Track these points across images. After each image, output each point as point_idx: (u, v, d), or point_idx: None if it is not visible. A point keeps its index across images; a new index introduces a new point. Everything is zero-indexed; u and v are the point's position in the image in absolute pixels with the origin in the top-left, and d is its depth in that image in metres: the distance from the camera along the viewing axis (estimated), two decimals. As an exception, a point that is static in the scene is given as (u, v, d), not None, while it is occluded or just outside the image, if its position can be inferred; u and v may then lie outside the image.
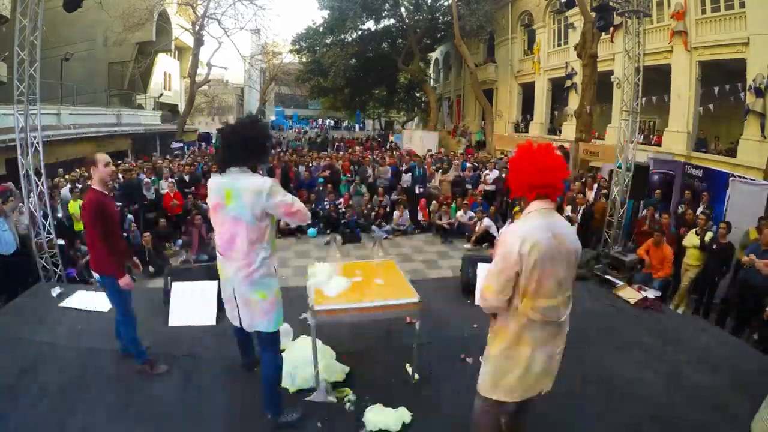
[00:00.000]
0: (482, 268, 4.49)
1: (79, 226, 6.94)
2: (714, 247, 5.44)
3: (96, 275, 3.07)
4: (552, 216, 1.86)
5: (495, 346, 1.97)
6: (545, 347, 1.94)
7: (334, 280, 3.00)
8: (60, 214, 6.87)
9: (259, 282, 2.35)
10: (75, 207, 6.95)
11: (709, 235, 5.53)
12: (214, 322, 3.90)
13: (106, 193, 2.97)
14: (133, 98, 20.68)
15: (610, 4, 6.37)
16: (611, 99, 13.77)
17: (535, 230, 1.78)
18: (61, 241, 5.89)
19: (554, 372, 2.05)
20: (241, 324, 2.47)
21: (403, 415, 2.69)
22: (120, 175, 9.00)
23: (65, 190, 7.61)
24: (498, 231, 8.57)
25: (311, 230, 8.97)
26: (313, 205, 9.60)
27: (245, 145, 2.32)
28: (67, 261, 5.73)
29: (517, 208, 5.57)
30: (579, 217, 7.07)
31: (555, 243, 1.79)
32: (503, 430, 2.24)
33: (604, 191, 7.76)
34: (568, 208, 7.57)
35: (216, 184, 2.37)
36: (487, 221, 8.56)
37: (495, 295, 1.84)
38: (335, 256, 3.32)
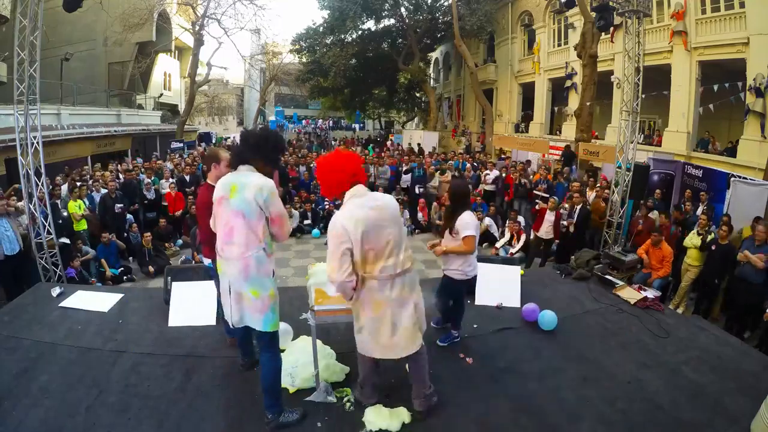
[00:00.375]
0: (482, 269, 4.49)
1: (78, 226, 6.94)
2: (713, 247, 5.44)
3: (208, 261, 3.30)
4: (365, 195, 2.28)
5: (360, 318, 2.39)
6: (399, 301, 2.31)
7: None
8: (65, 214, 6.86)
9: (253, 279, 2.38)
10: (74, 207, 6.95)
11: (710, 236, 5.54)
12: (214, 322, 3.90)
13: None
14: (133, 98, 20.67)
15: (610, 4, 6.37)
16: (611, 99, 13.76)
17: (354, 210, 2.19)
18: (66, 240, 5.90)
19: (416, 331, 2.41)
20: (234, 319, 2.48)
21: (403, 415, 2.68)
22: (120, 175, 9.01)
23: (64, 190, 7.60)
24: (498, 230, 8.57)
25: (315, 231, 8.99)
26: (314, 205, 9.61)
27: (258, 146, 2.51)
28: (66, 261, 5.73)
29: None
30: (575, 217, 7.05)
31: (373, 214, 2.19)
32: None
33: (605, 192, 7.74)
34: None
35: (225, 180, 2.49)
36: (487, 220, 8.56)
37: (338, 272, 2.19)
38: None
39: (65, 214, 6.80)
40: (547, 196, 9.03)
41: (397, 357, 2.42)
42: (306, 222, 9.20)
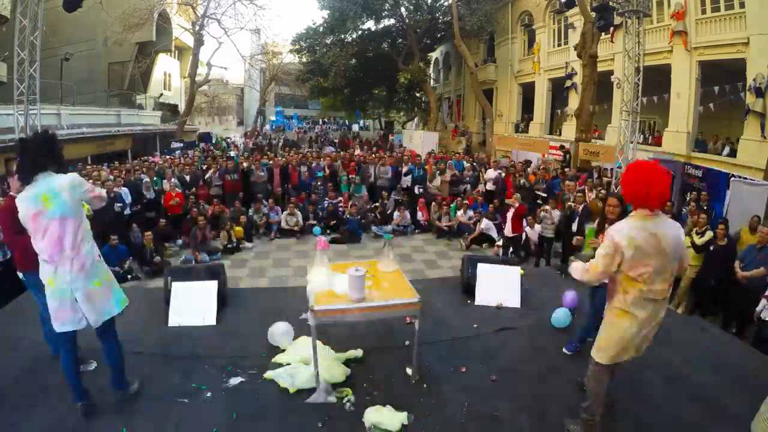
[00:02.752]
0: (482, 269, 4.49)
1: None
2: (711, 248, 5.43)
3: (20, 273, 3.12)
4: (652, 218, 2.28)
5: (607, 315, 2.45)
6: (642, 324, 2.33)
7: (337, 279, 3.00)
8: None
9: (92, 270, 2.49)
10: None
11: (708, 235, 5.53)
12: (214, 322, 3.90)
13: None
14: (133, 98, 20.67)
15: (610, 4, 6.38)
16: (611, 99, 13.77)
17: (632, 228, 2.24)
18: None
19: (640, 351, 2.46)
20: (87, 323, 2.52)
21: (403, 415, 2.69)
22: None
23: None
24: (497, 232, 8.56)
25: (316, 228, 9.00)
26: (315, 205, 9.61)
27: (46, 152, 2.45)
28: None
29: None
30: (576, 217, 7.04)
31: (651, 240, 2.22)
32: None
33: (603, 191, 7.75)
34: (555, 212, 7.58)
35: (28, 195, 2.36)
36: (485, 223, 8.56)
37: (599, 273, 2.34)
38: (389, 257, 3.31)
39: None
40: (545, 195, 9.05)
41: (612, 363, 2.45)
42: (308, 222, 9.19)
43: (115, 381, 2.79)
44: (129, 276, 6.80)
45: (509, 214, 7.34)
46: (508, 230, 7.36)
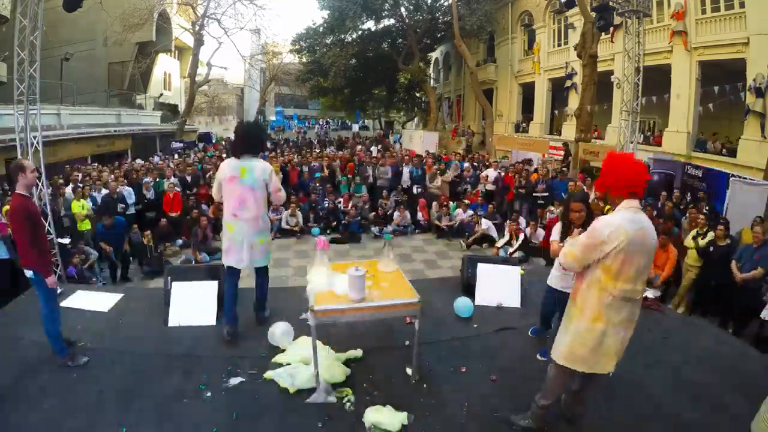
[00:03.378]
0: (482, 269, 4.49)
1: (82, 226, 6.94)
2: (711, 249, 5.43)
3: (28, 272, 3.12)
4: (639, 212, 2.17)
5: (577, 319, 2.25)
6: (618, 329, 2.21)
7: (337, 279, 3.00)
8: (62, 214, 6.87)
9: (261, 231, 3.45)
10: (77, 207, 6.95)
11: (710, 236, 5.53)
12: (214, 322, 3.89)
13: (29, 196, 3.17)
14: (133, 98, 20.68)
15: (610, 4, 6.38)
16: (611, 99, 13.77)
17: (624, 221, 2.09)
18: (66, 240, 5.90)
19: (620, 355, 2.30)
20: (245, 263, 3.41)
21: (403, 415, 2.68)
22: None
23: (68, 191, 7.59)
24: (496, 232, 8.56)
25: (314, 229, 8.98)
26: (315, 205, 9.61)
27: (253, 139, 3.46)
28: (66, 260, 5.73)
29: (608, 207, 5.62)
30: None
31: (641, 234, 2.09)
32: (563, 401, 2.64)
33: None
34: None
35: (233, 164, 3.36)
36: (485, 223, 8.55)
37: (576, 262, 2.20)
38: (389, 257, 3.30)
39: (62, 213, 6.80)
40: (546, 194, 9.04)
41: (591, 371, 2.29)
42: (308, 224, 9.19)
43: (259, 307, 3.84)
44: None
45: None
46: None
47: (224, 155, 12.61)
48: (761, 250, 4.86)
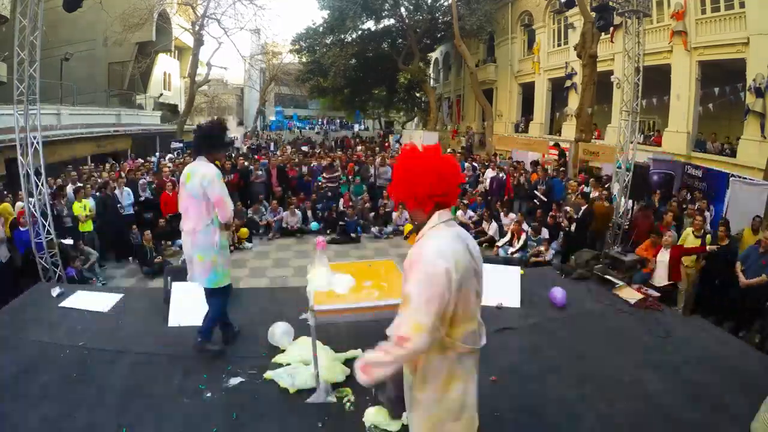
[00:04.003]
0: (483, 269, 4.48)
1: (83, 227, 6.93)
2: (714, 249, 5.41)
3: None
4: (456, 225, 1.61)
5: (426, 391, 1.60)
6: (473, 377, 1.66)
7: (337, 279, 3.00)
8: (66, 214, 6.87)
9: (200, 246, 3.07)
10: (78, 208, 6.93)
11: (708, 238, 5.51)
12: (214, 322, 3.89)
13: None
14: (133, 98, 20.67)
15: (610, 4, 6.37)
16: (611, 99, 13.77)
17: (451, 243, 1.50)
18: (69, 241, 5.91)
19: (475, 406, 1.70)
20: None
21: (403, 415, 2.68)
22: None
23: (69, 191, 7.58)
24: (499, 234, 8.54)
25: (314, 224, 9.00)
26: (316, 205, 9.61)
27: (205, 140, 3.14)
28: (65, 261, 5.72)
29: (409, 226, 4.65)
30: (578, 216, 7.05)
31: (469, 256, 1.54)
32: None
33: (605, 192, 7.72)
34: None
35: (185, 168, 3.17)
36: (493, 229, 8.54)
37: (429, 333, 1.42)
38: (322, 264, 3.22)
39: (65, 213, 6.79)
40: (545, 200, 9.03)
41: None
42: (311, 223, 9.19)
43: (201, 329, 3.31)
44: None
45: (663, 257, 5.43)
46: (661, 278, 5.39)
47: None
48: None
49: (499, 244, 8.07)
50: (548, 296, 4.40)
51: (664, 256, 5.46)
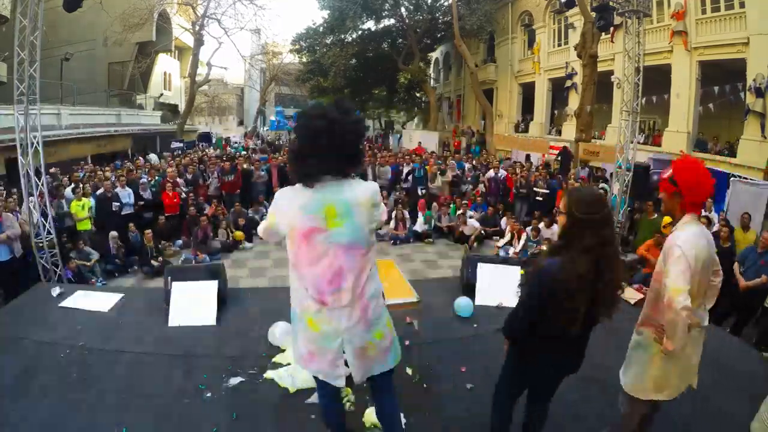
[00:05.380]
0: (483, 269, 4.49)
1: (81, 226, 6.93)
2: (716, 251, 5.40)
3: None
4: (701, 225, 2.12)
5: (651, 350, 2.12)
6: (699, 344, 2.19)
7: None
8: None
9: (375, 322, 1.84)
10: (77, 207, 6.93)
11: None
12: (214, 322, 3.90)
13: None
14: (133, 98, 20.68)
15: (610, 4, 6.38)
16: (611, 99, 13.77)
17: (698, 237, 2.00)
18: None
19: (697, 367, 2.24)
20: (351, 378, 1.97)
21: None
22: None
23: (68, 191, 7.58)
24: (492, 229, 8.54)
25: None
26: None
27: (344, 146, 1.68)
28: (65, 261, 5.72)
29: (668, 219, 5.40)
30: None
31: (708, 249, 2.05)
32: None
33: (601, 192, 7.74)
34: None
35: (305, 198, 1.69)
36: (473, 223, 8.57)
37: (686, 294, 1.86)
38: None
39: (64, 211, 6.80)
40: (547, 191, 9.04)
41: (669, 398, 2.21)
42: None
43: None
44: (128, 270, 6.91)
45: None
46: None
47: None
48: (767, 256, 4.79)
49: (499, 244, 8.08)
50: None
51: None
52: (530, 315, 1.94)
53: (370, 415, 2.68)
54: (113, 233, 6.99)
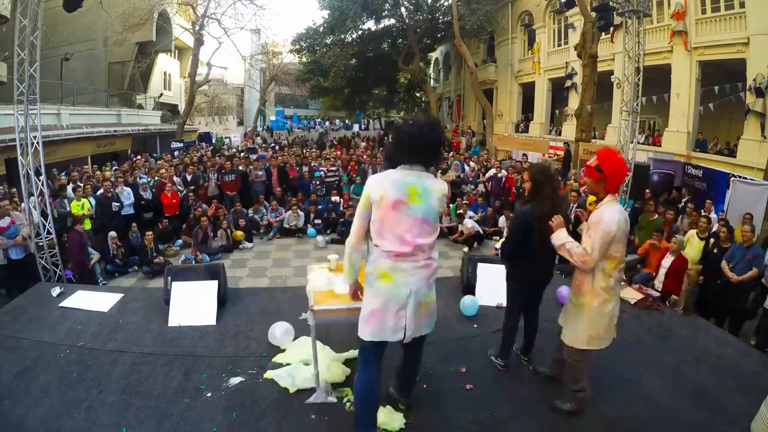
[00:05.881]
0: (483, 269, 4.49)
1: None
2: (715, 251, 5.40)
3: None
4: (618, 203, 2.56)
5: (588, 303, 2.52)
6: (617, 301, 2.58)
7: (339, 278, 3.00)
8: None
9: (431, 285, 2.33)
10: (76, 207, 6.92)
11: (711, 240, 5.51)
12: (214, 322, 3.90)
13: None
14: (133, 98, 20.65)
15: (610, 4, 6.38)
16: (611, 99, 13.77)
17: (619, 212, 2.43)
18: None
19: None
20: (404, 334, 2.25)
21: (403, 415, 2.68)
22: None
23: (69, 190, 7.58)
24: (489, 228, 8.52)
25: (310, 230, 8.98)
26: (315, 205, 9.60)
27: (435, 147, 2.33)
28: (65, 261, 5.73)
29: (593, 198, 5.63)
30: (572, 217, 7.05)
31: (626, 223, 2.46)
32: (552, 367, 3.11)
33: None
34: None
35: (398, 180, 2.21)
36: (469, 222, 8.56)
37: (597, 256, 2.40)
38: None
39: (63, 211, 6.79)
40: None
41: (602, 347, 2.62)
42: (317, 222, 9.18)
43: (409, 387, 2.78)
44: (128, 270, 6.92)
45: (666, 261, 5.29)
46: (662, 283, 5.20)
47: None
48: (752, 250, 4.84)
49: (498, 246, 8.06)
50: (555, 294, 4.39)
51: (667, 262, 5.33)
52: (515, 242, 2.98)
53: (370, 415, 2.68)
54: (112, 233, 6.97)
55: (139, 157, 13.34)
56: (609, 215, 2.40)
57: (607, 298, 2.48)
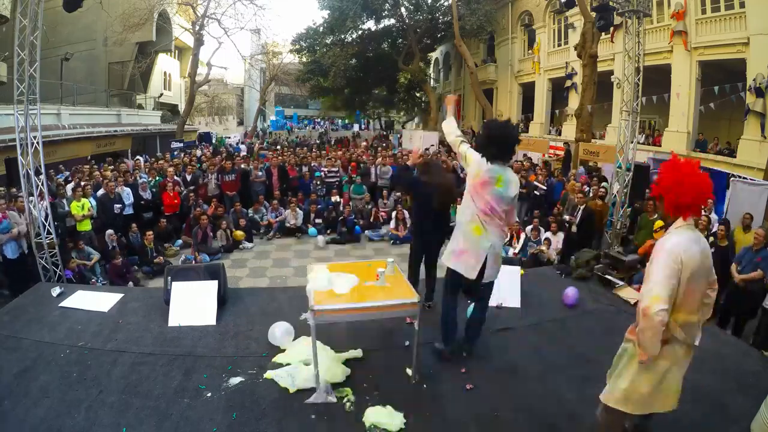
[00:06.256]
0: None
1: (81, 227, 6.92)
2: (713, 251, 5.40)
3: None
4: (697, 232, 1.96)
5: (634, 360, 2.00)
6: (680, 364, 2.00)
7: (339, 278, 3.00)
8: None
9: (503, 245, 3.32)
10: (76, 207, 6.92)
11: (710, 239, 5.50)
12: (214, 322, 3.90)
13: None
14: (133, 98, 20.65)
15: (610, 4, 6.37)
16: (611, 99, 13.77)
17: (690, 243, 1.87)
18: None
19: (679, 390, 2.10)
20: (480, 276, 3.01)
21: (403, 415, 2.68)
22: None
23: (69, 190, 7.57)
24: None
25: (311, 229, 8.97)
26: (316, 204, 9.60)
27: (511, 144, 3.04)
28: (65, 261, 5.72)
29: (660, 223, 5.48)
30: (578, 218, 7.05)
31: (702, 258, 1.88)
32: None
33: (602, 191, 7.71)
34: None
35: (492, 168, 2.98)
36: None
37: (666, 303, 1.78)
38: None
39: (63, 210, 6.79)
40: (545, 188, 9.02)
41: (648, 411, 2.18)
42: (317, 221, 9.18)
43: (471, 337, 3.38)
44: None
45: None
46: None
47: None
48: (762, 253, 4.80)
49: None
50: (561, 295, 4.41)
51: None
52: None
53: (370, 415, 2.68)
54: (109, 231, 6.97)
55: (131, 159, 13.34)
56: (673, 245, 1.86)
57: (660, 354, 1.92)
